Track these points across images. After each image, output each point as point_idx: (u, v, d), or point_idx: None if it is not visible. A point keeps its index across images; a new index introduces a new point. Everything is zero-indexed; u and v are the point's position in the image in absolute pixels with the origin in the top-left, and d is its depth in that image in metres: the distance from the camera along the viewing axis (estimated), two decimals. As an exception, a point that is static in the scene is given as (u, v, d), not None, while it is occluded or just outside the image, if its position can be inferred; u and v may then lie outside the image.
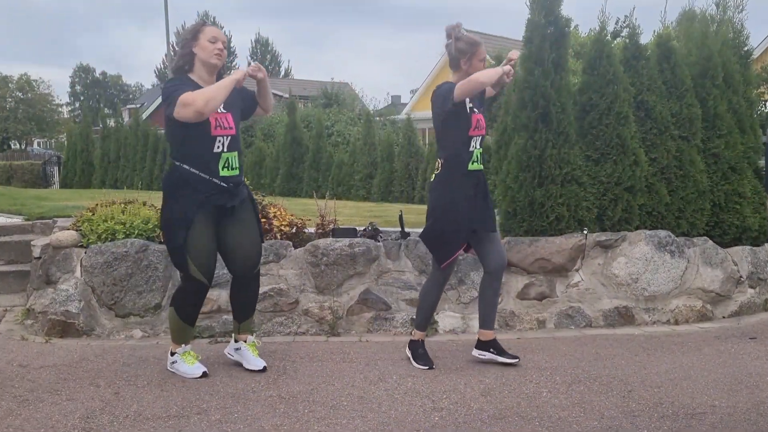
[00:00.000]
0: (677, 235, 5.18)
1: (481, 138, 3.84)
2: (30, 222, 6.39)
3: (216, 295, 4.61)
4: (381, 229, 5.11)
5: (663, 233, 5.08)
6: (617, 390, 3.48)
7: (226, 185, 3.54)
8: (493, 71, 3.65)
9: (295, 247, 4.79)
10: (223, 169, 3.53)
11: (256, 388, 3.52)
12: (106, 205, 5.01)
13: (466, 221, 3.78)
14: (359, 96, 28.45)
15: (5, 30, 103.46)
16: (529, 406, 3.26)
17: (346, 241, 4.75)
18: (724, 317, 5.17)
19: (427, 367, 3.85)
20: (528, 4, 4.97)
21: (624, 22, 13.82)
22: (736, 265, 5.29)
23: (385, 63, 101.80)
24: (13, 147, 45.26)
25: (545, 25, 4.92)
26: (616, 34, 13.35)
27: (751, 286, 5.35)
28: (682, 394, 3.42)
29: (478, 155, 3.82)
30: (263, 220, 4.71)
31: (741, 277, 5.29)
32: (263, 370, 3.75)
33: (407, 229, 5.10)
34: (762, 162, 6.03)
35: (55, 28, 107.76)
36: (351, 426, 3.03)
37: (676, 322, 4.98)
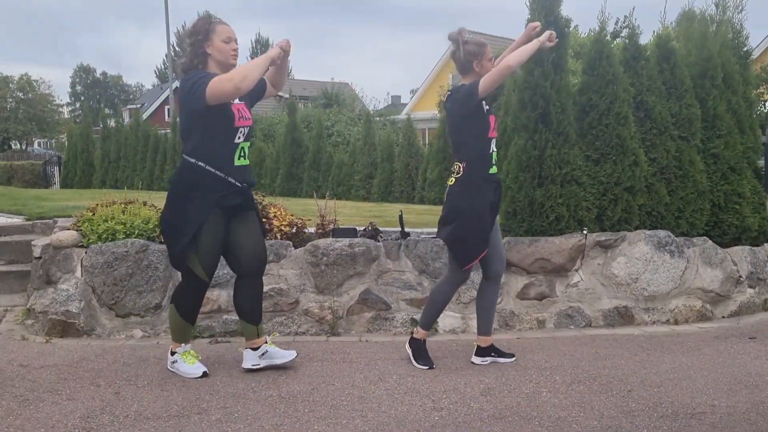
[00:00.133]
0: (677, 235, 5.18)
1: (495, 140, 3.84)
2: (30, 222, 6.39)
3: (216, 295, 4.61)
4: (381, 229, 5.10)
5: (662, 233, 5.07)
6: (617, 390, 3.48)
7: (239, 185, 3.53)
8: (525, 51, 3.63)
9: (295, 247, 4.79)
10: (239, 159, 3.53)
11: (256, 387, 3.51)
12: (107, 206, 5.01)
13: (489, 225, 3.79)
14: (359, 96, 28.46)
15: (6, 30, 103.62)
16: (528, 406, 3.25)
17: (346, 241, 4.75)
18: (723, 317, 5.17)
19: (427, 367, 3.85)
20: (528, 4, 4.97)
21: (624, 23, 13.87)
22: (735, 265, 5.29)
23: (385, 63, 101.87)
24: (13, 147, 45.31)
25: (545, 26, 4.91)
26: (615, 35, 13.38)
27: (750, 286, 5.35)
28: (681, 393, 3.42)
29: (495, 158, 3.82)
30: (264, 220, 4.71)
31: (740, 277, 5.29)
32: (297, 355, 3.82)
33: (407, 229, 5.10)
34: (761, 162, 6.03)
35: (56, 29, 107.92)
36: (351, 425, 3.03)
37: (676, 322, 4.98)
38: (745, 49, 6.08)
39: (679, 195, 5.33)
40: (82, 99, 64.57)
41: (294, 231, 4.97)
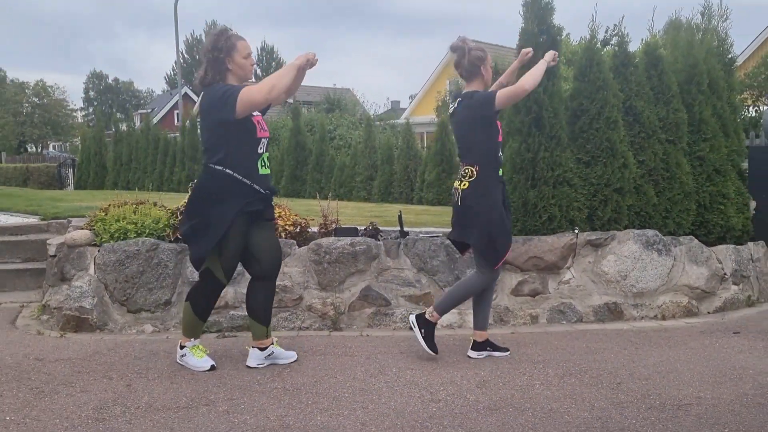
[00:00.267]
0: (664, 235, 5.18)
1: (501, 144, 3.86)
2: (46, 222, 6.40)
3: (224, 292, 4.60)
4: (381, 228, 5.11)
5: (650, 232, 5.08)
6: (607, 382, 3.49)
7: (263, 192, 3.53)
8: (536, 73, 3.66)
9: (299, 245, 4.80)
10: (262, 168, 3.55)
11: (261, 380, 3.52)
12: (119, 206, 5.01)
13: (509, 222, 3.80)
14: (360, 101, 28.43)
15: (22, 38, 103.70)
16: (522, 398, 3.26)
17: (347, 240, 4.75)
18: (708, 313, 5.17)
19: (433, 353, 3.83)
20: (521, 13, 4.98)
21: (613, 31, 13.86)
22: (720, 263, 5.29)
23: (385, 69, 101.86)
24: (29, 150, 45.33)
25: (538, 34, 4.92)
26: (605, 42, 13.37)
27: (734, 283, 5.36)
28: (668, 386, 3.43)
29: (502, 160, 3.85)
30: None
31: (725, 274, 5.29)
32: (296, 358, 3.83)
33: (406, 228, 5.10)
34: (746, 164, 6.04)
35: (69, 36, 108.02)
36: (353, 416, 3.03)
37: (663, 318, 4.98)
38: (729, 56, 6.09)
39: (667, 196, 5.33)
40: (95, 104, 64.52)
41: (298, 230, 4.98)
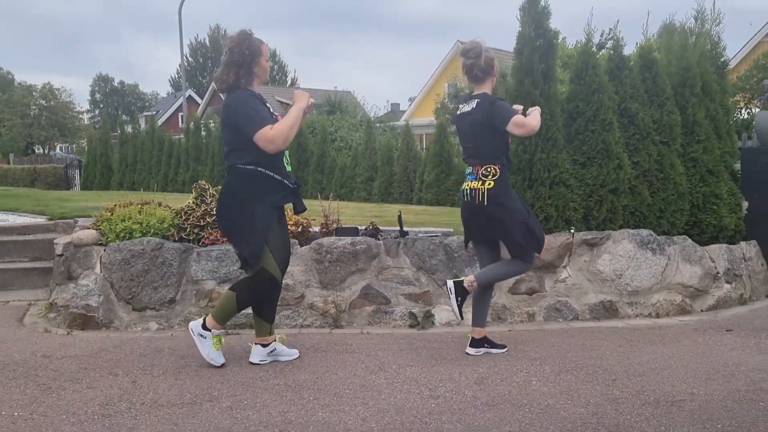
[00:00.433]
0: (658, 234, 5.18)
1: None
2: (53, 222, 6.39)
3: (224, 290, 4.60)
4: (381, 228, 5.10)
5: (645, 232, 5.07)
6: (602, 379, 3.48)
7: (292, 186, 3.57)
8: (537, 117, 3.76)
9: (301, 245, 4.79)
10: (287, 165, 3.61)
11: (264, 377, 3.51)
12: (124, 206, 5.01)
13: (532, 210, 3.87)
14: (361, 104, 28.40)
15: (30, 42, 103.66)
16: (519, 394, 3.25)
17: (348, 239, 4.75)
18: (702, 311, 5.16)
19: (461, 319, 3.85)
20: (519, 17, 4.97)
21: (609, 35, 13.83)
22: (713, 262, 5.29)
23: (385, 72, 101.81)
24: (37, 151, 45.31)
25: (535, 38, 4.92)
26: (601, 46, 13.38)
27: (727, 282, 5.35)
28: (662, 382, 3.42)
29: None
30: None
31: (718, 273, 5.29)
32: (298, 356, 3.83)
33: (405, 228, 5.09)
34: (738, 166, 6.04)
35: (75, 40, 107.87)
36: (353, 412, 3.03)
37: (657, 316, 4.98)
38: (722, 59, 6.09)
39: (661, 196, 5.33)
40: (101, 106, 64.45)
41: (300, 230, 4.97)
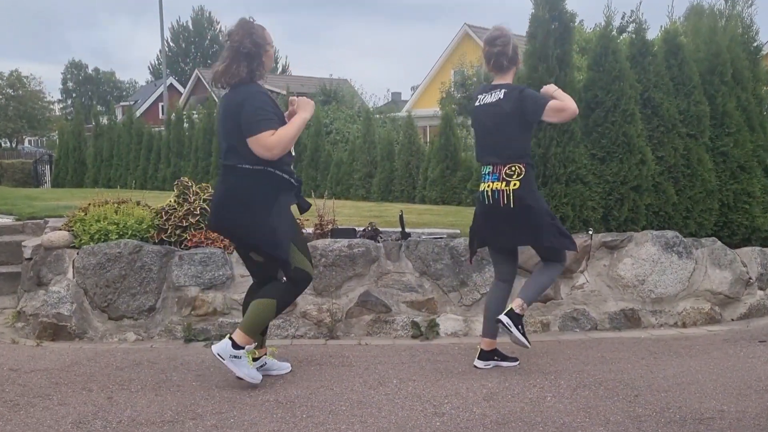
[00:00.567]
0: (685, 236, 5.18)
1: None
2: (21, 222, 6.40)
3: (211, 297, 4.62)
4: (381, 229, 5.11)
5: (670, 234, 5.08)
6: (623, 394, 3.48)
7: (296, 184, 3.69)
8: (568, 96, 3.79)
9: (293, 247, 4.79)
10: (291, 164, 3.72)
11: (252, 392, 3.51)
12: (99, 205, 5.02)
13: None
14: (358, 93, 28.41)
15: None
16: (533, 411, 3.26)
17: (345, 241, 4.75)
18: (732, 320, 5.17)
19: (529, 346, 3.84)
20: (532, -1, 4.97)
21: (630, 17, 13.88)
22: (745, 266, 5.29)
23: (385, 59, 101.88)
24: (3, 145, 45.36)
25: (549, 20, 4.92)
26: (622, 30, 13.39)
27: (760, 288, 5.36)
28: (689, 398, 3.42)
29: None
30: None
31: (750, 278, 5.29)
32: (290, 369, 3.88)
33: (408, 229, 5.09)
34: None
35: (46, 23, 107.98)
36: (350, 431, 3.03)
37: (684, 325, 4.98)
38: (755, 44, 6.09)
39: (687, 194, 5.33)
40: (74, 96, 64.56)
41: (291, 231, 4.97)
